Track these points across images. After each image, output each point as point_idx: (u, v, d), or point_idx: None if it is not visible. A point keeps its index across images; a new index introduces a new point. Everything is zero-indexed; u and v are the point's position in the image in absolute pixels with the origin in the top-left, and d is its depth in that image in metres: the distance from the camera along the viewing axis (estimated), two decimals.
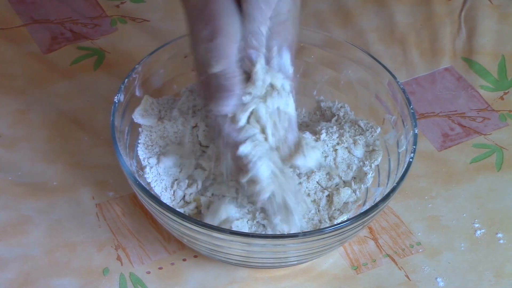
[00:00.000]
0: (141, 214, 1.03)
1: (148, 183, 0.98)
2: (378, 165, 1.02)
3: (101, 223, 1.02)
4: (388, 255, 1.00)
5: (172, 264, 0.99)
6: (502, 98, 1.18)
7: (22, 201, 1.03)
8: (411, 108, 0.99)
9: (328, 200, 1.00)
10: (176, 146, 1.01)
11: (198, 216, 0.98)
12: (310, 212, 0.98)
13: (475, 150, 1.11)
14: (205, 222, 0.91)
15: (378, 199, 0.96)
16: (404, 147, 0.99)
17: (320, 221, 0.98)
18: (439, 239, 1.02)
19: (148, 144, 1.01)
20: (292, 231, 0.92)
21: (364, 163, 1.02)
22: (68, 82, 1.17)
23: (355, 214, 0.96)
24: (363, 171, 1.01)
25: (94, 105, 1.14)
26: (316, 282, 0.98)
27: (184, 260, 0.99)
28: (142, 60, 1.01)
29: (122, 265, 0.98)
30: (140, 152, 1.00)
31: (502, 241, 1.02)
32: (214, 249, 0.92)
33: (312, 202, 0.99)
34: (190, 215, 0.97)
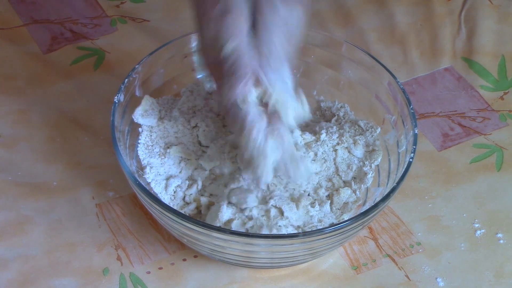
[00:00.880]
0: (141, 214, 1.03)
1: (148, 183, 0.98)
2: (378, 165, 1.02)
3: (101, 223, 1.02)
4: (388, 255, 1.00)
5: (172, 264, 0.99)
6: (502, 98, 1.18)
7: (22, 201, 1.03)
8: (411, 108, 0.99)
9: (328, 200, 1.00)
10: (176, 146, 1.01)
11: (198, 216, 0.98)
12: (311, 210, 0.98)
13: (475, 150, 1.11)
14: (205, 222, 0.91)
15: (378, 199, 0.96)
16: (404, 147, 0.99)
17: (320, 220, 0.98)
18: (439, 239, 1.02)
19: (148, 144, 1.01)
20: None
21: (364, 163, 1.02)
22: (68, 82, 1.17)
23: (355, 214, 0.96)
24: (363, 171, 1.01)
25: (94, 105, 1.14)
26: (316, 282, 0.98)
27: (184, 260, 0.99)
28: (142, 60, 1.01)
29: (122, 265, 0.98)
30: (140, 152, 1.00)
31: (502, 241, 1.02)
32: (214, 249, 0.92)
33: (312, 202, 0.99)
34: (190, 215, 0.97)
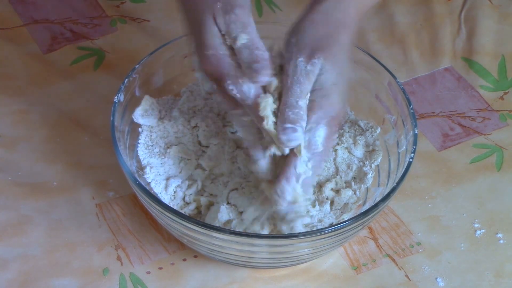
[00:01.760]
0: (141, 214, 1.03)
1: (148, 183, 0.98)
2: (378, 165, 1.02)
3: (101, 223, 1.02)
4: (388, 255, 1.00)
5: (172, 264, 0.99)
6: (502, 98, 1.18)
7: (22, 201, 1.03)
8: (411, 108, 0.99)
9: (328, 200, 1.00)
10: (176, 146, 1.01)
11: (198, 216, 0.98)
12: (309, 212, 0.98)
13: (475, 150, 1.11)
14: (205, 222, 0.91)
15: (378, 199, 0.96)
16: (404, 147, 0.99)
17: (320, 220, 0.98)
18: (439, 239, 1.02)
19: (148, 144, 1.01)
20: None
21: (364, 163, 1.02)
22: (68, 82, 1.17)
23: (355, 214, 0.96)
24: (363, 171, 1.01)
25: (94, 105, 1.14)
26: (316, 282, 0.98)
27: (184, 260, 0.99)
28: (142, 60, 1.01)
29: (122, 265, 0.98)
30: (140, 152, 1.00)
31: (502, 241, 1.02)
32: (214, 249, 0.92)
33: (312, 202, 0.99)
34: (190, 215, 0.97)
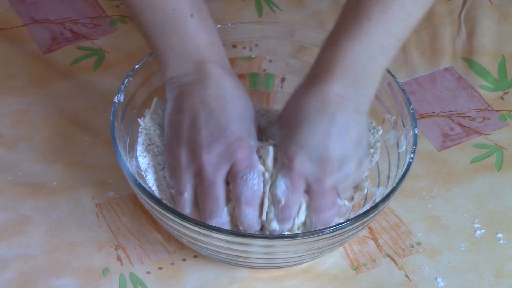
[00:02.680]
0: (141, 214, 1.03)
1: (148, 183, 0.98)
2: (378, 165, 1.02)
3: (101, 223, 1.02)
4: (388, 255, 1.00)
5: (172, 264, 0.99)
6: (502, 98, 1.18)
7: (22, 201, 1.03)
8: (411, 108, 0.98)
9: None
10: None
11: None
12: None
13: (475, 150, 1.11)
14: (205, 223, 0.91)
15: (378, 200, 0.96)
16: (404, 147, 0.99)
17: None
18: (439, 239, 1.02)
19: (148, 143, 1.01)
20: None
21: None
22: (68, 82, 1.16)
23: (355, 215, 0.96)
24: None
25: (94, 105, 1.14)
26: (316, 282, 0.98)
27: (184, 260, 0.99)
28: (142, 60, 1.01)
29: (122, 265, 0.98)
30: (140, 152, 1.00)
31: (502, 241, 1.02)
32: (214, 249, 0.92)
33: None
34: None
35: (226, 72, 0.94)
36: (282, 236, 0.92)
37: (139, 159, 0.99)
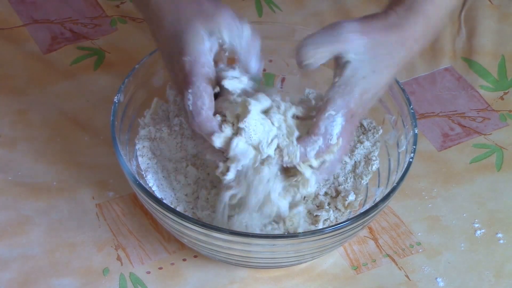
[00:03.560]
0: (141, 214, 1.03)
1: (148, 183, 0.99)
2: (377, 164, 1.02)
3: (101, 223, 1.02)
4: (388, 255, 1.00)
5: (172, 264, 0.99)
6: (502, 98, 1.18)
7: (22, 201, 1.03)
8: (411, 108, 0.99)
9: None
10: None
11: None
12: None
13: (475, 150, 1.11)
14: (205, 222, 0.91)
15: (378, 199, 0.96)
16: (404, 147, 0.99)
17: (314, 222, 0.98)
18: (439, 239, 1.02)
19: (148, 143, 1.01)
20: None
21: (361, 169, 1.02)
22: (68, 82, 1.17)
23: (355, 214, 0.96)
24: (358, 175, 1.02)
25: (94, 105, 1.14)
26: (316, 282, 0.98)
27: (184, 260, 0.99)
28: (142, 60, 1.01)
29: (122, 265, 0.98)
30: (140, 152, 1.00)
31: (502, 241, 1.02)
32: (214, 249, 0.92)
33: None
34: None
35: None
36: (282, 235, 0.92)
37: (139, 159, 0.99)
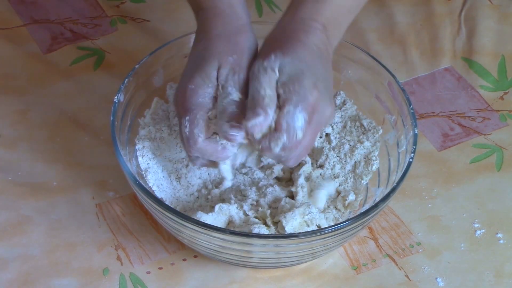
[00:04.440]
0: (141, 214, 1.03)
1: (148, 183, 0.98)
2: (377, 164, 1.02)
3: (101, 223, 1.02)
4: (388, 255, 1.00)
5: (172, 264, 0.99)
6: (502, 98, 1.18)
7: (22, 201, 1.03)
8: (411, 108, 0.99)
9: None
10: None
11: None
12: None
13: (475, 150, 1.11)
14: (205, 222, 0.91)
15: (378, 199, 0.96)
16: (404, 147, 0.99)
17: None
18: (439, 239, 1.02)
19: (148, 143, 1.00)
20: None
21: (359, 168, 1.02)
22: (68, 82, 1.17)
23: (355, 214, 0.96)
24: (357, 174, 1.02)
25: (94, 105, 1.14)
26: (316, 282, 0.98)
27: (184, 260, 0.99)
28: (142, 60, 1.01)
29: (122, 265, 0.98)
30: (139, 152, 1.00)
31: (502, 241, 1.02)
32: (214, 249, 0.92)
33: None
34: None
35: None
36: (282, 235, 0.92)
37: (139, 159, 0.99)
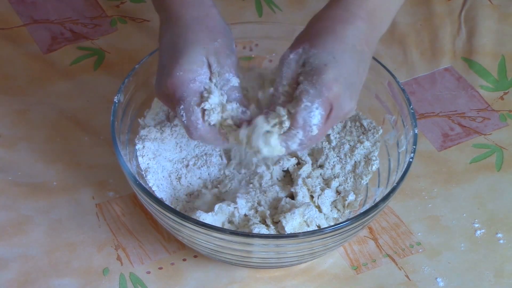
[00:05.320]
0: (141, 214, 1.03)
1: (148, 183, 0.98)
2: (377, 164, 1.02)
3: (101, 223, 1.02)
4: (388, 255, 1.00)
5: (172, 264, 0.99)
6: (502, 98, 1.18)
7: (22, 201, 1.03)
8: (411, 108, 0.99)
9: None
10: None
11: None
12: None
13: (475, 150, 1.11)
14: (205, 222, 0.91)
15: (378, 199, 0.96)
16: (404, 147, 0.99)
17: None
18: (439, 239, 1.02)
19: (148, 143, 1.01)
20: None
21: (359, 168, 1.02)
22: (68, 82, 1.17)
23: (355, 214, 0.96)
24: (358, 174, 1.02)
25: (94, 105, 1.14)
26: (316, 282, 0.98)
27: (184, 260, 0.99)
28: (142, 60, 1.01)
29: (122, 265, 0.98)
30: (139, 152, 1.00)
31: (502, 241, 1.02)
32: (214, 249, 0.92)
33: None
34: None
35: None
36: (282, 235, 0.92)
37: (139, 159, 0.99)
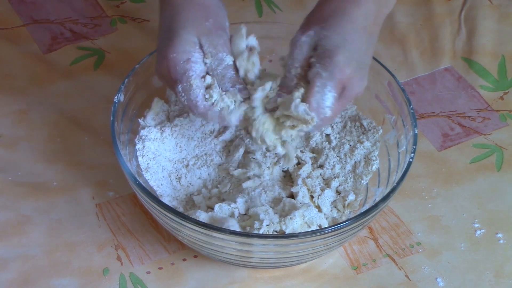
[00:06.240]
0: (141, 214, 1.03)
1: (148, 183, 0.98)
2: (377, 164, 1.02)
3: (101, 223, 1.02)
4: (388, 255, 1.00)
5: (172, 264, 0.99)
6: (502, 98, 1.18)
7: (22, 201, 1.03)
8: (411, 108, 0.99)
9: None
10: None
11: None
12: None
13: (475, 150, 1.11)
14: (205, 222, 0.91)
15: (378, 199, 0.96)
16: (404, 147, 0.99)
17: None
18: (439, 239, 1.02)
19: (148, 143, 1.00)
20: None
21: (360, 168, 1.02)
22: (68, 82, 1.17)
23: (355, 214, 0.96)
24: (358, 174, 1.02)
25: (94, 105, 1.14)
26: (316, 282, 0.98)
27: (184, 260, 0.99)
28: (142, 60, 1.01)
29: (122, 265, 0.98)
30: (139, 152, 1.00)
31: (502, 241, 1.02)
32: (214, 249, 0.92)
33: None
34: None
35: None
36: (282, 235, 0.92)
37: (139, 159, 0.99)
